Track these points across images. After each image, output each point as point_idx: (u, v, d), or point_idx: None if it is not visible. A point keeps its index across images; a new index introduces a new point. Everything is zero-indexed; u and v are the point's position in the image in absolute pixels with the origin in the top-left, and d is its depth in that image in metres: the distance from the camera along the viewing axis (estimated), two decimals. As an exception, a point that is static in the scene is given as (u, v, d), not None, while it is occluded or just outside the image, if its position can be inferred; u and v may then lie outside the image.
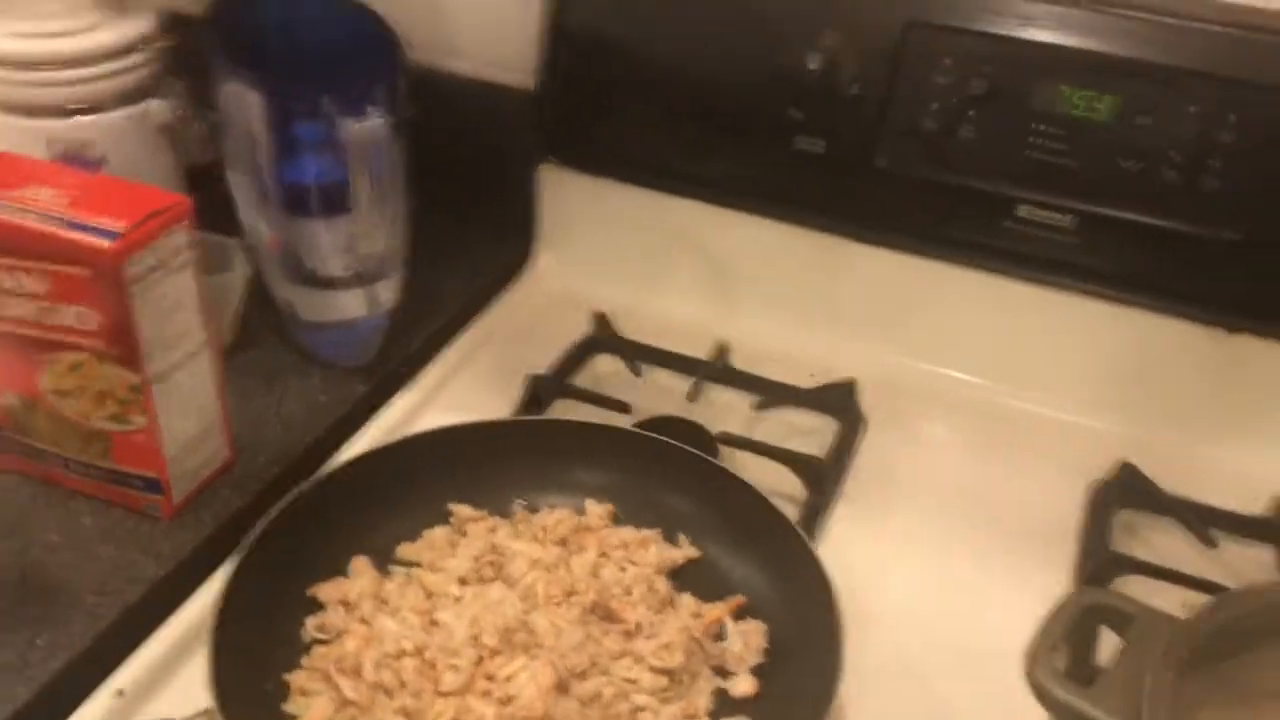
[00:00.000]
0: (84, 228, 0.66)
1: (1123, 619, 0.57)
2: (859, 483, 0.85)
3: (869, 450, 0.88)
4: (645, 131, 0.96)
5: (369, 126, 0.73)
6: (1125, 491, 0.83)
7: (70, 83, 0.83)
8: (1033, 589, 0.73)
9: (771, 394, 0.91)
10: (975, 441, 0.89)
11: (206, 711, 0.56)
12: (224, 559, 0.73)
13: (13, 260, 0.67)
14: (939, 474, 0.86)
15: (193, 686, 0.64)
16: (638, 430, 0.79)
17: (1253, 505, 0.82)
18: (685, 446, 0.77)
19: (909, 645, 0.72)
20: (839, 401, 0.90)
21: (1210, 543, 0.78)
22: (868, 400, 0.91)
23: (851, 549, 0.77)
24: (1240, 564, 0.79)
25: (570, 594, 0.67)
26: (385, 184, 0.77)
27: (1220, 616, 0.55)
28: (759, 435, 0.85)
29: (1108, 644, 0.64)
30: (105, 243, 0.65)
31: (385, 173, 0.77)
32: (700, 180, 0.96)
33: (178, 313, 0.71)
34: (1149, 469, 0.83)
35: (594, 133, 0.98)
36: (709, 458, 0.76)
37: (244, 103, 0.78)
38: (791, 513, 0.75)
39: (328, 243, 0.83)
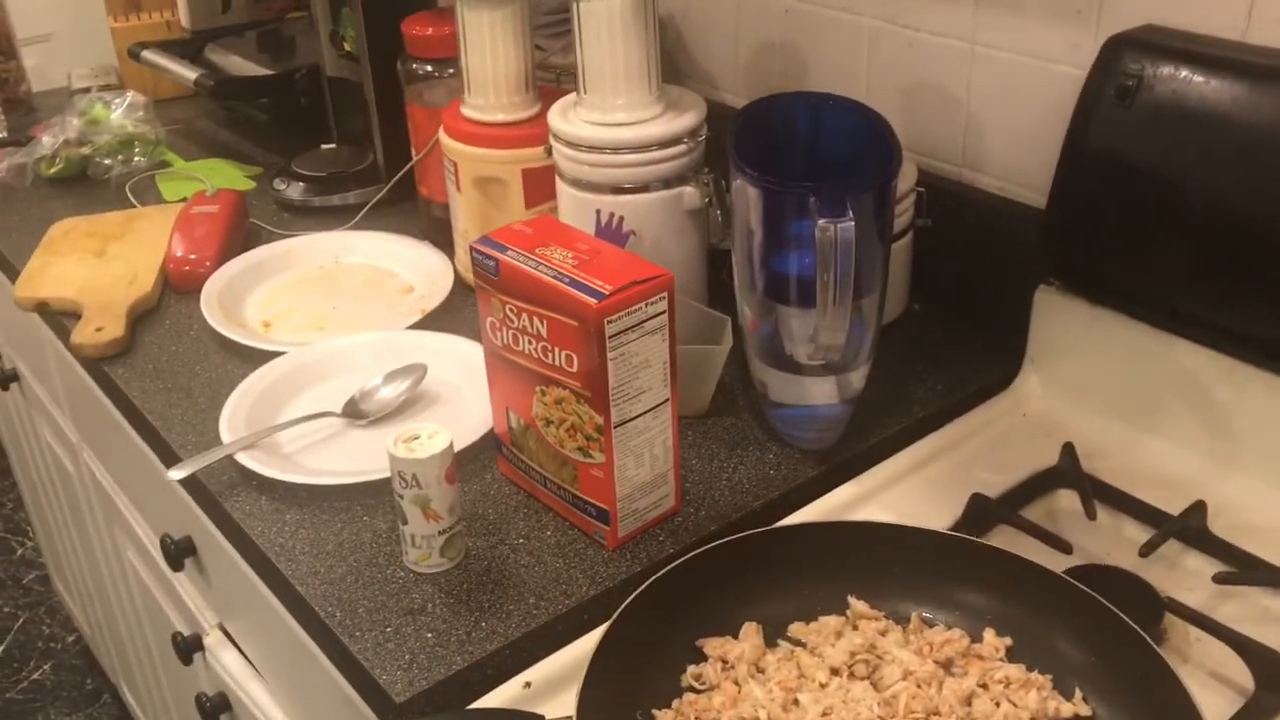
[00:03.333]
0: (582, 286, 0.77)
1: None
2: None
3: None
4: (1156, 264, 0.91)
5: (838, 228, 0.78)
6: None
7: (623, 165, 0.98)
8: None
9: (1243, 568, 0.81)
10: None
11: (569, 718, 0.63)
12: (646, 595, 0.81)
13: (528, 305, 0.81)
14: None
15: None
16: (1066, 577, 0.74)
17: None
18: (1108, 605, 0.71)
19: None
20: (1325, 595, 0.78)
21: None
22: (1363, 603, 0.78)
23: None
24: None
25: (933, 714, 0.66)
26: (856, 283, 0.81)
27: None
28: (1214, 611, 0.76)
29: None
30: (593, 300, 0.76)
31: (857, 272, 0.81)
32: (1210, 324, 0.89)
33: (645, 370, 0.80)
34: None
35: (1101, 260, 0.94)
36: (1128, 621, 0.70)
37: (746, 196, 0.87)
38: (1226, 707, 0.68)
39: (799, 331, 0.89)
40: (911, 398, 1.00)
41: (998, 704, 0.67)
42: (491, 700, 0.74)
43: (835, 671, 0.69)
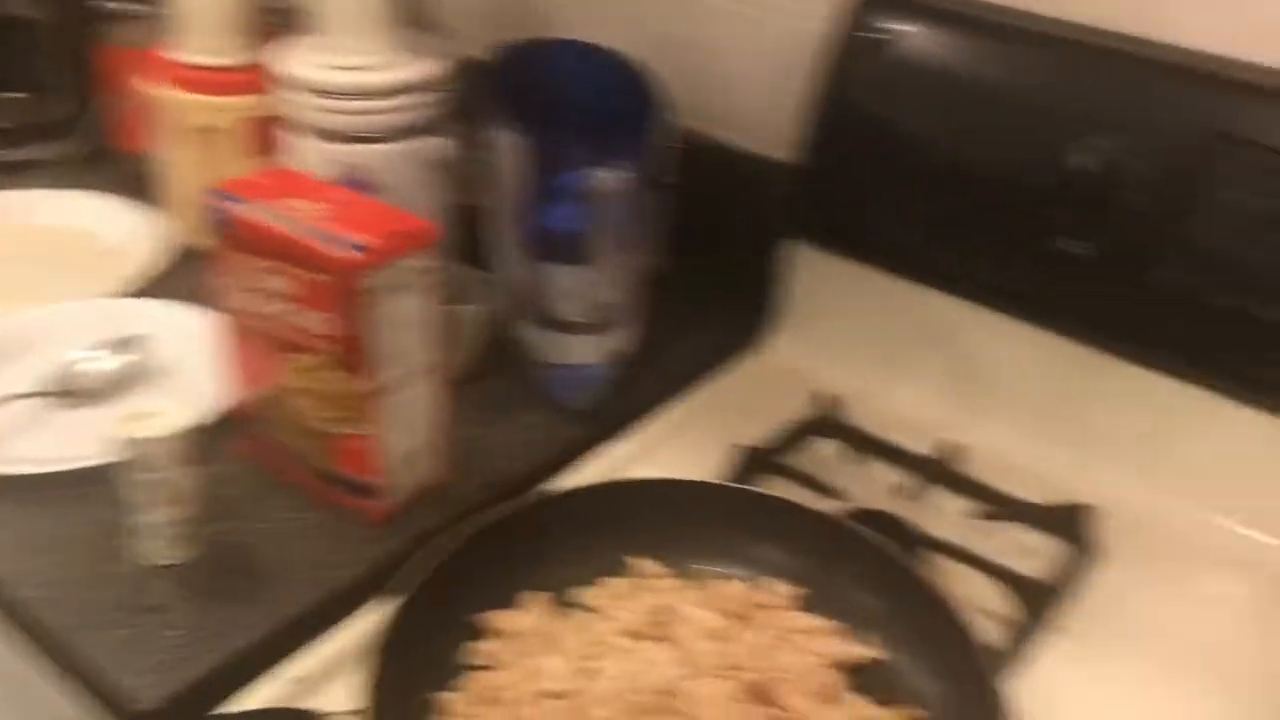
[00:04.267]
0: (334, 240, 0.70)
1: None
2: (1081, 618, 0.77)
3: (1100, 586, 0.80)
4: (901, 218, 0.93)
5: (611, 179, 0.75)
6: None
7: (360, 112, 0.90)
8: None
9: (997, 504, 0.85)
10: (1231, 599, 0.80)
11: (359, 712, 0.57)
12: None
13: (272, 262, 0.73)
14: (1180, 627, 0.77)
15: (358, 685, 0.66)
16: (839, 517, 0.76)
17: None
18: (886, 542, 0.73)
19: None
20: (1071, 526, 0.83)
21: None
22: (1109, 533, 0.83)
23: (1058, 686, 0.70)
24: None
25: (733, 668, 0.64)
26: (624, 238, 0.78)
27: None
28: (976, 548, 0.79)
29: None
30: (348, 255, 0.69)
31: (625, 227, 0.78)
32: (954, 275, 0.92)
33: (408, 331, 0.74)
34: None
35: (848, 215, 0.96)
36: (907, 559, 0.72)
37: (507, 149, 0.82)
38: (996, 635, 0.70)
39: (566, 288, 0.85)
40: (670, 355, 0.98)
41: (794, 654, 0.66)
42: (255, 698, 0.66)
43: (628, 634, 0.67)
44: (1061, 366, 0.89)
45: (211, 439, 0.82)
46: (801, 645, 0.67)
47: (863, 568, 0.72)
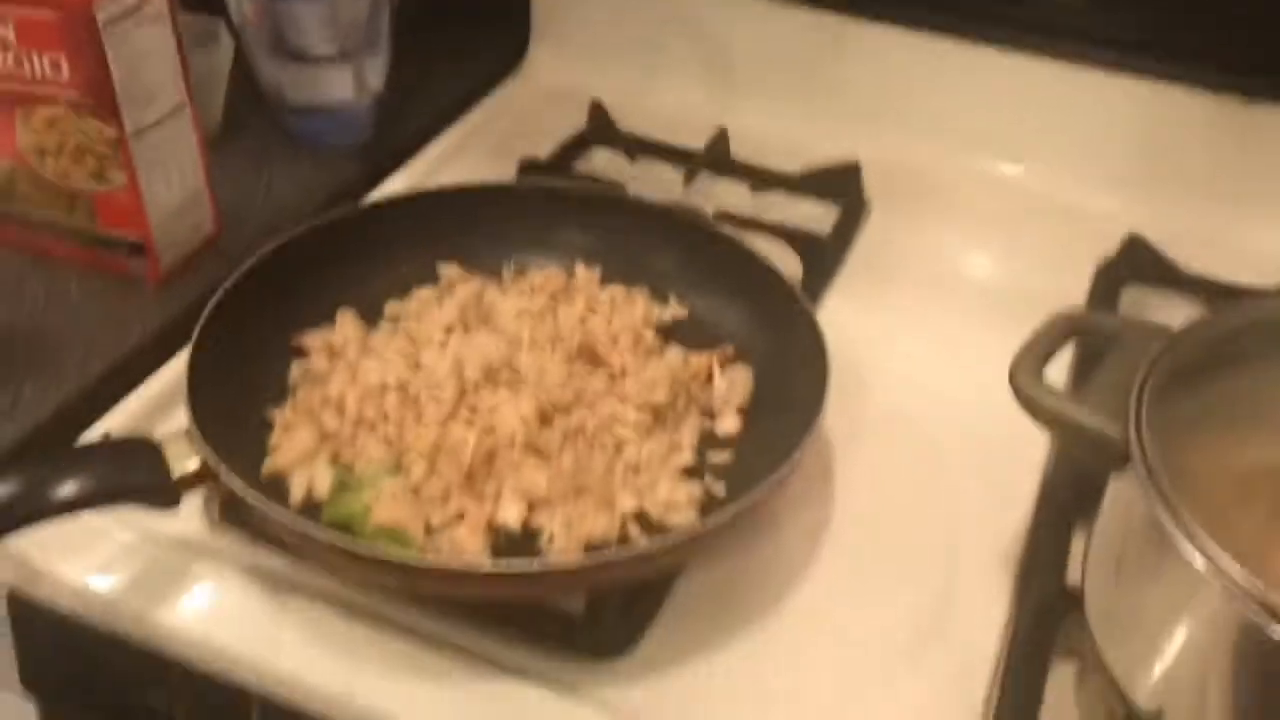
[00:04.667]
0: (52, -34, 0.64)
1: (1109, 335, 0.55)
2: (859, 263, 0.83)
3: (871, 233, 0.86)
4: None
5: None
6: (1133, 266, 0.81)
7: None
8: None
9: (769, 180, 0.89)
10: (982, 225, 0.87)
11: (185, 431, 0.56)
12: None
13: (-18, 4, 0.66)
14: (942, 256, 0.84)
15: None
16: (629, 195, 0.77)
17: (1268, 279, 0.79)
18: (674, 207, 0.75)
19: (902, 401, 0.71)
20: (841, 186, 0.87)
21: (1218, 309, 0.76)
22: (871, 185, 0.88)
23: (848, 322, 0.74)
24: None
25: (556, 340, 0.66)
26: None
27: (1212, 330, 0.53)
28: (756, 216, 0.83)
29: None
30: (73, -21, 0.63)
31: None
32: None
33: (153, 65, 0.69)
34: (1161, 245, 0.81)
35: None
36: (700, 215, 0.75)
37: None
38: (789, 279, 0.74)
39: (309, 14, 0.81)
40: (431, 87, 0.96)
41: (610, 321, 0.68)
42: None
43: (448, 329, 0.67)
44: (810, 36, 0.92)
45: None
46: (612, 313, 0.69)
47: (657, 237, 0.74)
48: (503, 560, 0.53)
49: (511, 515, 0.57)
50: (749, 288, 0.70)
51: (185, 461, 0.55)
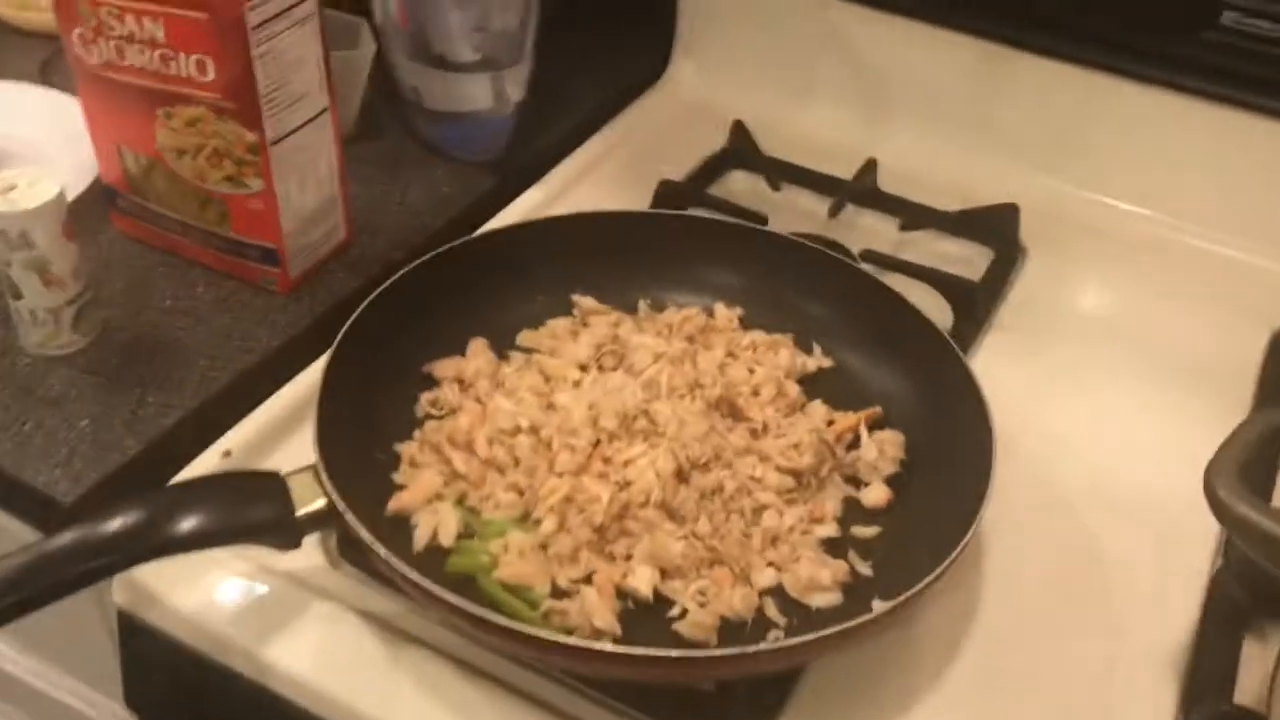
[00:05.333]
0: (205, -34, 0.62)
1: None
2: (1014, 313, 0.78)
3: (1027, 281, 0.81)
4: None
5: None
6: (1313, 336, 0.75)
7: None
8: (1200, 432, 0.66)
9: (920, 217, 0.84)
10: (1146, 279, 0.81)
11: (312, 467, 0.53)
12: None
13: (135, 2, 0.64)
14: (1103, 311, 0.79)
15: (301, 453, 0.62)
16: (775, 231, 0.73)
17: None
18: (826, 250, 0.71)
19: (1058, 477, 0.66)
20: (996, 227, 0.82)
21: None
22: (1028, 229, 0.83)
23: (1001, 378, 0.69)
24: None
25: (695, 388, 0.62)
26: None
27: None
28: (906, 258, 0.78)
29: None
30: (226, -18, 0.61)
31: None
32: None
33: (299, 71, 0.67)
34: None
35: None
36: (852, 262, 0.70)
37: None
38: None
39: (457, 22, 0.78)
40: (570, 97, 0.93)
41: (751, 369, 0.65)
42: (186, 474, 0.61)
43: (583, 368, 0.64)
44: (968, 65, 0.87)
45: (87, 219, 0.74)
46: (754, 360, 0.66)
47: (804, 279, 0.70)
48: (636, 647, 0.49)
49: (643, 582, 0.53)
50: (901, 341, 0.66)
51: (310, 500, 0.52)
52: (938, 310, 0.74)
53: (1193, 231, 0.83)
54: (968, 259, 0.82)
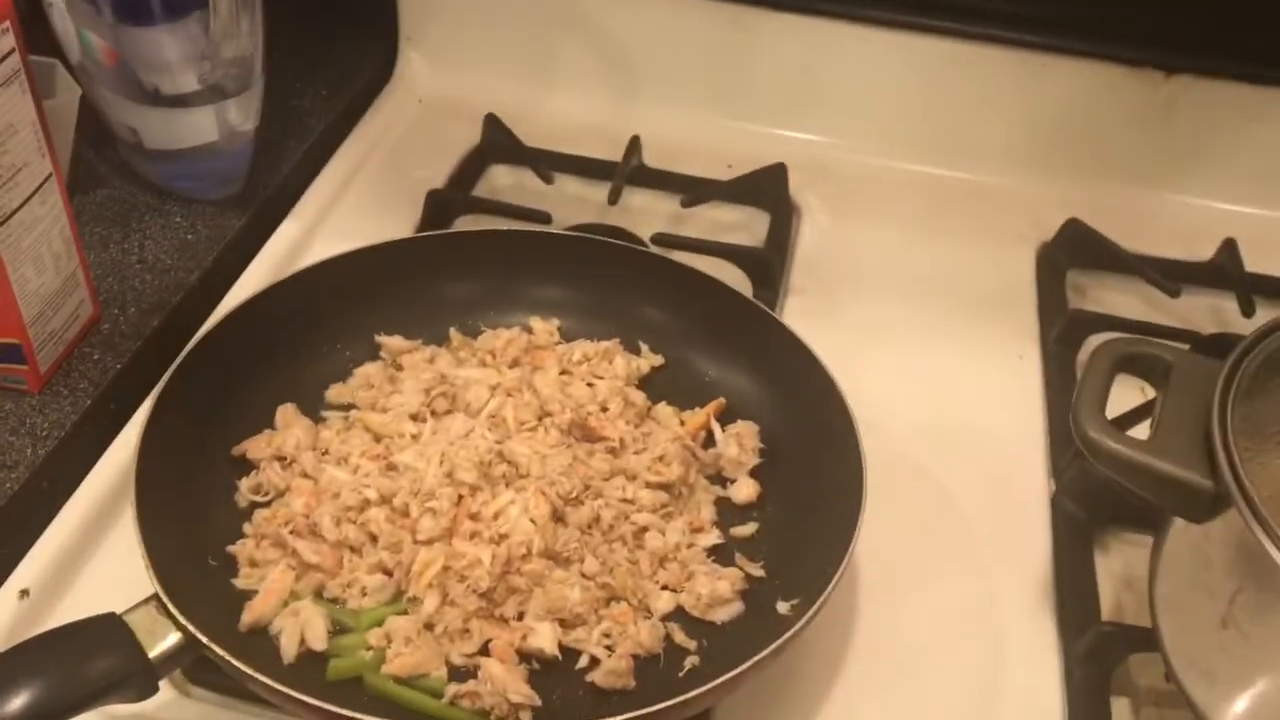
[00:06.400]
0: (-124, 32, 0.52)
1: (1160, 367, 0.53)
2: (804, 273, 0.78)
3: (807, 239, 0.82)
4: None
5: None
6: (1074, 250, 0.80)
7: None
8: (1001, 360, 0.72)
9: (696, 190, 0.82)
10: (914, 218, 0.84)
11: (153, 599, 0.46)
12: (112, 431, 0.63)
13: None
14: (883, 256, 0.81)
15: (106, 578, 0.55)
16: (570, 233, 0.70)
17: (1202, 251, 0.80)
18: (630, 244, 0.69)
19: (891, 431, 0.66)
20: (769, 191, 0.82)
21: (1173, 293, 0.75)
22: (797, 187, 0.84)
23: (813, 344, 0.71)
24: (1200, 313, 0.77)
25: (542, 416, 0.59)
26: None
27: (1261, 356, 0.51)
28: (694, 235, 0.77)
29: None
30: (-90, 48, 0.51)
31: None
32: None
33: (12, 139, 0.58)
34: (1094, 225, 0.80)
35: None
36: (657, 252, 0.68)
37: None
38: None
39: (174, 50, 0.70)
40: (299, 111, 0.85)
41: (591, 384, 0.62)
42: (-15, 634, 0.52)
43: (416, 418, 0.59)
44: (710, 29, 0.86)
45: None
46: (590, 374, 0.63)
47: (608, 276, 0.67)
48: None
49: (547, 641, 0.50)
50: (729, 328, 0.65)
51: (161, 637, 0.46)
52: (735, 282, 0.74)
53: (948, 165, 0.86)
54: (744, 223, 0.82)
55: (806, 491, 0.57)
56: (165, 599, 0.46)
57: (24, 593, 0.54)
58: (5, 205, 0.58)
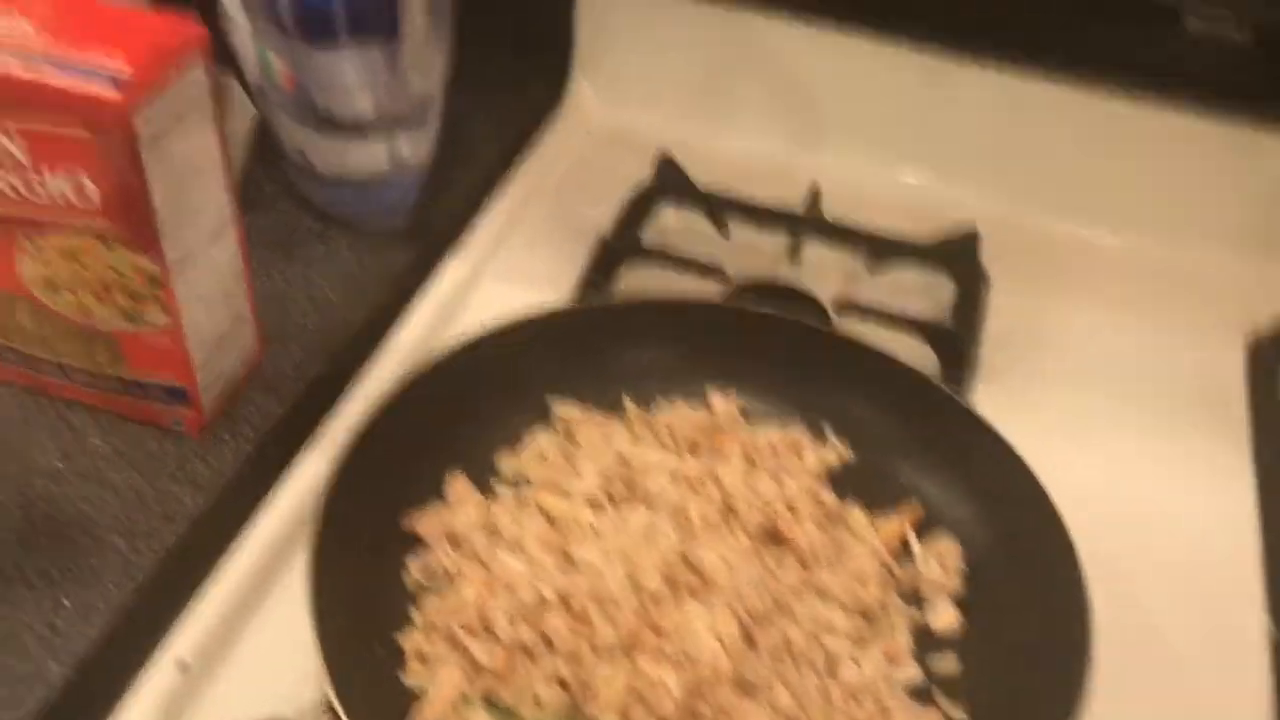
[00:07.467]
0: (75, 69, 0.49)
1: None
2: (996, 353, 0.73)
3: (998, 314, 0.76)
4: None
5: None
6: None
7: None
8: (1208, 469, 0.66)
9: (883, 250, 0.77)
10: (1115, 298, 0.78)
11: (328, 707, 0.44)
12: (272, 482, 0.60)
13: (-22, 116, 0.50)
14: (1080, 338, 0.75)
15: (271, 645, 0.52)
16: (754, 309, 0.66)
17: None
18: (816, 325, 0.64)
19: (1094, 547, 0.61)
20: (959, 256, 0.77)
21: None
22: (990, 255, 0.78)
23: (1008, 434, 0.65)
24: None
25: (728, 514, 0.55)
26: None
27: None
28: (882, 303, 0.72)
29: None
30: (109, 91, 0.49)
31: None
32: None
33: (199, 179, 0.55)
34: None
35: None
36: (850, 336, 0.64)
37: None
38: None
39: (357, 77, 0.67)
40: (468, 140, 0.82)
41: (778, 479, 0.57)
42: (142, 701, 0.50)
43: (594, 504, 0.55)
44: (903, 79, 0.81)
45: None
46: (777, 466, 0.58)
47: (791, 354, 0.63)
48: None
49: (734, 779, 0.46)
50: (923, 421, 0.60)
51: (332, 751, 0.43)
52: (920, 360, 0.69)
53: (1145, 241, 0.80)
54: (924, 288, 0.77)
55: (1014, 627, 0.52)
56: (339, 707, 0.43)
57: (182, 663, 0.51)
58: (186, 247, 0.55)
